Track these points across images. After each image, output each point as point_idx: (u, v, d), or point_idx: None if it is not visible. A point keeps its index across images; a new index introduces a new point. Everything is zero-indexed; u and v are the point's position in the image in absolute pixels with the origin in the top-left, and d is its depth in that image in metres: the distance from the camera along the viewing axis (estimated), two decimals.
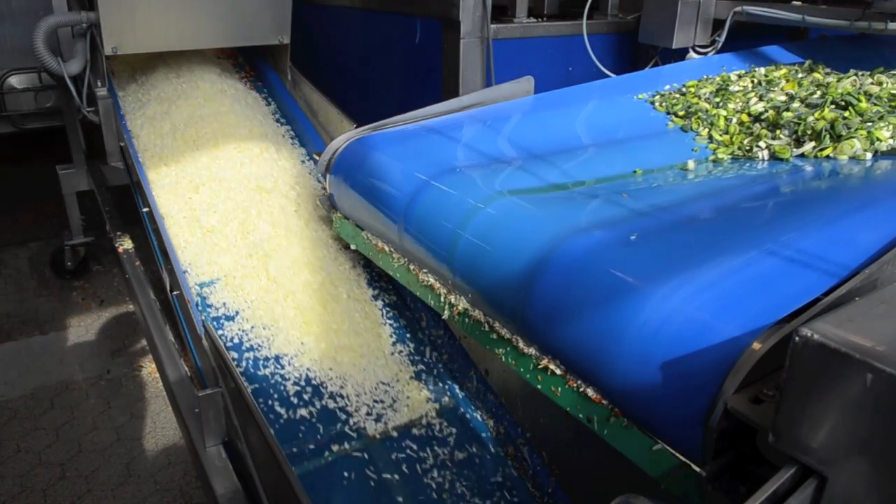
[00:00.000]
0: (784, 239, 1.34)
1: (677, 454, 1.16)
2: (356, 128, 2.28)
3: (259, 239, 2.28)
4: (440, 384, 2.10)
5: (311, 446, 1.86)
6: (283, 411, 1.90)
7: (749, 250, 1.31)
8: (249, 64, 3.40)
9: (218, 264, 2.22)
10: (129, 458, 2.88)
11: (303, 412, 1.91)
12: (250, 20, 2.96)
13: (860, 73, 2.38)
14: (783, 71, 2.54)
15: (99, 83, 2.86)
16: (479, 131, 2.16)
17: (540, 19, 3.29)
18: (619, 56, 3.36)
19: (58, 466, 2.82)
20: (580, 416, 1.34)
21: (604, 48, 3.29)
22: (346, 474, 1.81)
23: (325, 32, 4.02)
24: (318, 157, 2.21)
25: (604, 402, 1.28)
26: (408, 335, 2.19)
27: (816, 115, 2.00)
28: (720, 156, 2.00)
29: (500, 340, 1.54)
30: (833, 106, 2.05)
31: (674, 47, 3.06)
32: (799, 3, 2.89)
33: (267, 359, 2.00)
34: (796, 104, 2.14)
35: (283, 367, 1.99)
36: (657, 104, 2.34)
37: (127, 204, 2.89)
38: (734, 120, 2.17)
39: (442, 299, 1.71)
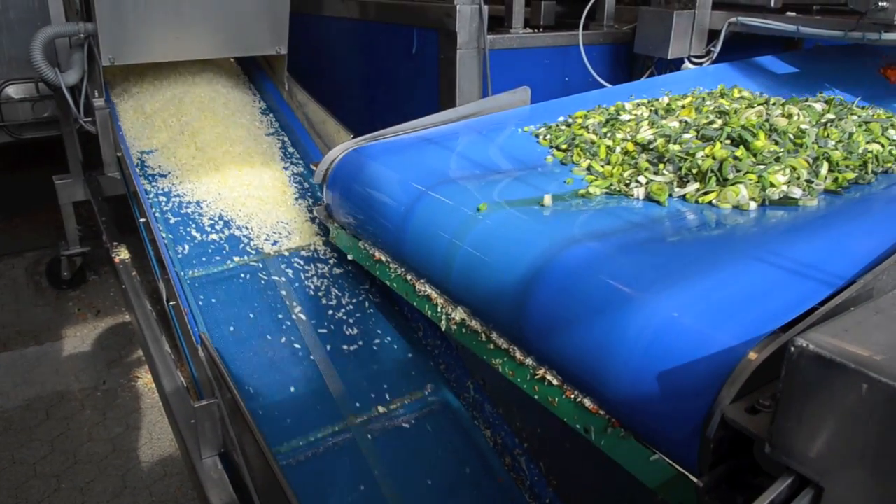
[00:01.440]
0: (779, 249, 1.35)
1: (674, 464, 1.16)
2: (353, 138, 2.28)
3: (190, 120, 2.89)
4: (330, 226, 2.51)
5: (217, 258, 2.36)
6: (197, 235, 2.44)
7: (745, 260, 1.31)
8: (247, 74, 3.41)
9: (156, 138, 2.83)
10: (124, 469, 2.87)
11: (214, 237, 2.44)
12: (248, 31, 2.97)
13: (774, 100, 2.20)
14: (689, 99, 2.31)
15: (96, 93, 2.87)
16: (476, 141, 2.17)
17: (536, 30, 3.30)
18: (615, 66, 3.38)
19: (53, 478, 2.81)
20: (577, 426, 1.34)
21: (600, 58, 3.30)
22: (242, 276, 2.30)
23: (323, 43, 4.03)
24: (315, 168, 2.22)
25: (601, 412, 1.28)
26: (308, 194, 2.71)
27: (707, 150, 1.75)
28: (592, 190, 1.73)
29: (497, 350, 1.53)
30: (728, 141, 1.81)
31: (669, 58, 3.08)
32: (794, 14, 2.91)
33: (189, 202, 2.56)
34: (689, 134, 1.89)
35: (201, 208, 2.54)
36: (541, 137, 2.13)
37: (123, 214, 2.89)
38: (618, 149, 1.93)
39: (439, 309, 1.71)
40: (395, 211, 1.84)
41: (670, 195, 1.68)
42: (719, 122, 1.98)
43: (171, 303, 2.15)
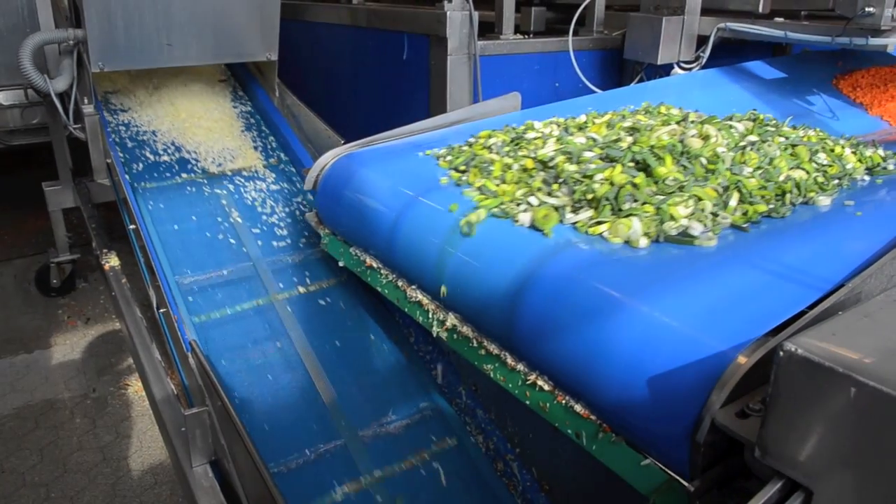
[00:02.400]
0: (767, 253, 1.36)
1: (666, 469, 1.16)
2: (344, 144, 2.28)
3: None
4: (271, 151, 2.98)
5: (167, 174, 2.76)
6: (151, 156, 2.81)
7: (733, 265, 1.32)
8: (237, 80, 3.41)
9: (119, 81, 3.16)
10: (114, 478, 2.85)
11: (165, 158, 2.82)
12: (238, 37, 2.97)
13: (694, 116, 2.02)
14: (608, 116, 2.14)
15: (85, 100, 2.86)
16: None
17: (526, 36, 3.31)
18: (605, 72, 3.39)
19: (42, 487, 2.78)
20: (569, 431, 1.34)
21: (590, 64, 3.32)
22: (189, 189, 2.70)
23: (314, 49, 4.03)
24: (305, 174, 2.21)
25: (592, 417, 1.29)
26: (254, 127, 3.11)
27: (606, 173, 1.58)
28: (473, 219, 1.58)
29: (488, 356, 1.53)
30: (632, 164, 1.64)
31: (659, 63, 3.09)
32: (781, 19, 2.93)
33: (146, 131, 2.94)
34: (593, 153, 1.73)
35: (156, 136, 2.92)
36: (441, 160, 1.98)
37: (113, 220, 2.88)
38: (516, 167, 1.77)
39: (430, 315, 1.71)
40: (386, 217, 1.84)
41: (561, 221, 1.54)
42: (629, 139, 1.80)
43: (161, 310, 2.14)
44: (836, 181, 1.75)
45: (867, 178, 1.83)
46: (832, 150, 1.87)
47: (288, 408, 1.99)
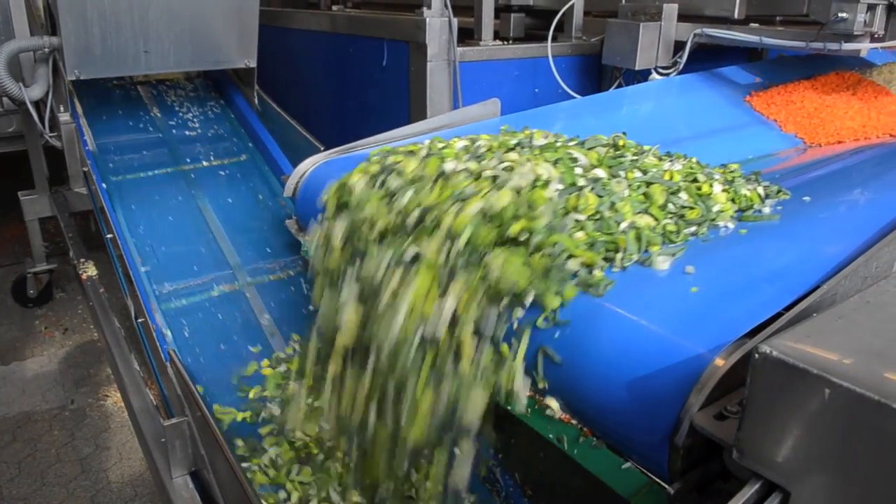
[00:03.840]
0: (744, 255, 1.37)
1: (646, 472, 1.17)
2: (324, 151, 2.28)
3: None
4: (208, 92, 3.55)
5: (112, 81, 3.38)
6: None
7: (709, 267, 1.33)
8: (216, 87, 3.39)
9: None
10: (94, 490, 2.81)
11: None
12: (216, 44, 2.95)
13: (540, 135, 1.75)
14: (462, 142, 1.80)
15: (62, 108, 2.83)
16: None
17: (505, 42, 3.33)
18: (583, 77, 3.42)
19: (21, 501, 2.74)
20: (550, 436, 1.34)
21: (569, 69, 3.34)
22: (117, 90, 3.37)
23: (293, 56, 4.02)
24: (285, 181, 2.21)
25: (573, 421, 1.29)
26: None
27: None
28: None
29: None
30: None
31: (636, 69, 3.12)
32: (757, 25, 2.97)
33: None
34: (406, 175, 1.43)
35: None
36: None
37: (91, 229, 2.85)
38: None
39: None
40: None
41: None
42: (468, 166, 1.49)
43: (139, 320, 2.12)
44: (692, 229, 1.43)
45: (731, 225, 1.50)
46: (699, 189, 1.53)
47: (144, 163, 2.92)
